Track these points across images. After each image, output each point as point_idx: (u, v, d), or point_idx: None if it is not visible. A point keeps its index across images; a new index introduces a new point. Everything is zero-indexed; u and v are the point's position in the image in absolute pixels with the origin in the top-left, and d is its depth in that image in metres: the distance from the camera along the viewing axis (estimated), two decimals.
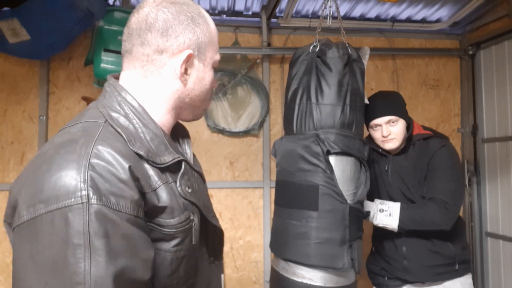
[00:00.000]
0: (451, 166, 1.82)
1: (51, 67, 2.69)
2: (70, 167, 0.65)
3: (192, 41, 0.82)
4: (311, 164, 1.59)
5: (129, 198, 0.68)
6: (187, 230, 0.79)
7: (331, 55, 1.64)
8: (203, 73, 0.86)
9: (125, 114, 0.78)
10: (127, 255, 0.65)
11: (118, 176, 0.68)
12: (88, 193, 0.63)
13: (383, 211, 1.80)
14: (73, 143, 0.69)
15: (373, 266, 2.03)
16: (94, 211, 0.63)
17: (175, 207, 0.77)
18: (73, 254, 0.61)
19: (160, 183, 0.75)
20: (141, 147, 0.75)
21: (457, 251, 1.85)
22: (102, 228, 0.63)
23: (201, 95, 0.88)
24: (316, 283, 1.56)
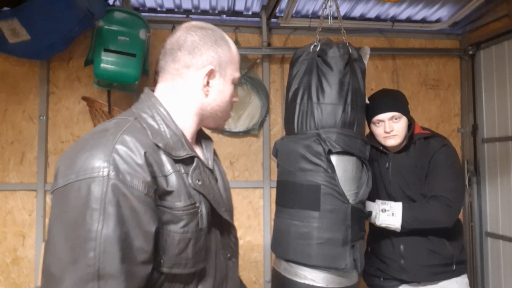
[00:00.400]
0: (451, 165, 1.84)
1: (51, 67, 2.69)
2: (99, 149, 0.83)
3: (214, 59, 0.99)
4: (312, 164, 1.58)
5: (142, 178, 0.83)
6: (193, 214, 0.91)
7: (332, 55, 1.63)
8: (223, 86, 1.02)
9: (152, 116, 0.96)
10: (132, 224, 0.80)
11: (135, 160, 0.84)
12: (109, 170, 0.80)
13: (385, 211, 1.80)
14: (105, 131, 0.88)
15: (367, 267, 2.00)
16: (111, 184, 0.79)
17: (182, 192, 0.90)
18: (90, 215, 0.77)
19: (171, 171, 0.90)
20: (160, 140, 0.91)
21: (454, 251, 1.85)
22: (115, 198, 0.79)
23: (222, 105, 1.03)
24: (318, 284, 1.55)
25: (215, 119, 1.05)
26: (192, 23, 1.04)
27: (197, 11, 2.87)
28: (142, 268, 0.82)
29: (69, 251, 0.76)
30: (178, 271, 0.90)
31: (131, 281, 0.79)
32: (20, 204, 2.63)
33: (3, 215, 2.61)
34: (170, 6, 2.81)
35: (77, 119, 2.70)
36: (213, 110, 1.03)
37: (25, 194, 2.63)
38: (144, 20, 2.39)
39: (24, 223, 2.62)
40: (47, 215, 2.64)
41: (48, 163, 2.66)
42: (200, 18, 2.88)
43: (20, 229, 2.62)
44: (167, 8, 2.83)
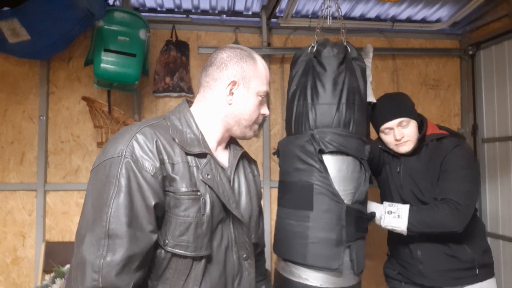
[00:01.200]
0: (464, 166, 1.74)
1: (51, 67, 2.70)
2: (124, 137, 1.02)
3: (238, 73, 1.14)
4: (306, 164, 1.58)
5: (151, 162, 0.99)
6: (194, 200, 1.04)
7: (326, 54, 1.63)
8: (246, 97, 1.15)
9: (179, 118, 1.13)
10: (137, 197, 0.96)
11: (149, 147, 1.01)
12: (126, 152, 0.98)
13: (391, 213, 1.75)
14: (135, 125, 1.07)
15: (389, 271, 1.99)
16: (125, 162, 0.97)
17: (186, 180, 1.03)
18: (108, 187, 0.95)
19: (179, 161, 1.04)
20: (178, 136, 1.07)
21: (475, 254, 1.76)
22: (127, 174, 0.96)
23: (245, 114, 1.15)
24: (313, 283, 1.55)
25: (239, 127, 1.17)
26: (228, 45, 1.22)
27: (197, 11, 2.87)
28: (146, 235, 0.97)
29: (92, 215, 0.95)
30: (180, 252, 1.02)
31: (135, 244, 0.94)
32: (20, 204, 2.63)
33: (3, 215, 2.61)
34: (170, 6, 2.81)
35: (77, 119, 2.71)
36: (237, 118, 1.15)
37: (25, 194, 2.63)
38: (144, 20, 2.40)
39: (24, 223, 2.62)
40: (47, 215, 2.64)
41: (48, 163, 2.66)
42: (200, 18, 2.88)
43: (20, 229, 2.62)
44: (167, 8, 2.83)
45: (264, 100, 1.20)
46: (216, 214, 1.08)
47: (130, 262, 0.93)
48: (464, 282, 1.77)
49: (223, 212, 1.10)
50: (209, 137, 1.14)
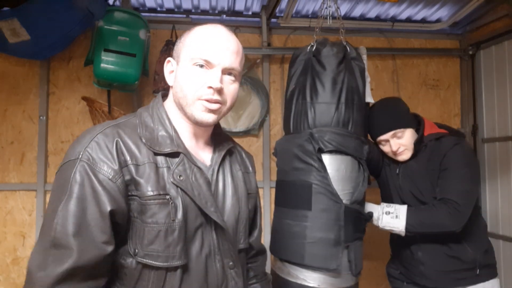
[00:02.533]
0: (463, 165, 1.73)
1: (51, 67, 2.69)
2: (85, 138, 0.94)
3: (174, 51, 1.06)
4: (304, 163, 1.58)
5: (109, 164, 0.92)
6: (163, 205, 0.94)
7: (326, 54, 1.63)
8: (178, 72, 1.03)
9: (151, 115, 1.04)
10: (91, 203, 0.88)
11: (109, 148, 0.93)
12: (83, 154, 0.91)
13: (389, 213, 1.74)
14: (99, 125, 0.99)
15: (392, 270, 1.98)
16: (79, 165, 0.90)
17: (153, 182, 0.94)
18: (61, 192, 0.89)
19: (145, 162, 0.95)
20: (145, 135, 0.99)
21: (476, 255, 1.75)
22: (80, 178, 0.89)
23: (179, 91, 1.01)
24: (310, 284, 1.55)
25: (186, 108, 1.01)
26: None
27: (197, 11, 2.87)
28: (97, 247, 0.87)
29: (44, 222, 0.90)
30: (150, 262, 0.93)
31: (83, 256, 0.85)
32: (20, 204, 2.63)
33: (3, 215, 2.61)
34: (170, 6, 2.81)
35: (77, 119, 2.71)
36: (176, 98, 1.03)
37: (25, 194, 2.63)
38: (144, 20, 2.40)
39: (24, 223, 2.62)
40: None
41: (48, 163, 2.66)
42: (200, 18, 2.88)
43: (20, 229, 2.62)
44: (167, 8, 2.83)
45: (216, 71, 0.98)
46: (192, 219, 0.97)
47: (74, 274, 0.84)
48: (465, 283, 1.77)
49: (201, 217, 0.99)
50: (183, 133, 1.04)
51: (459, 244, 1.76)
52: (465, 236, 1.74)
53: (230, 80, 1.02)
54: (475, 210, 1.78)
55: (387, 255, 2.10)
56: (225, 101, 1.02)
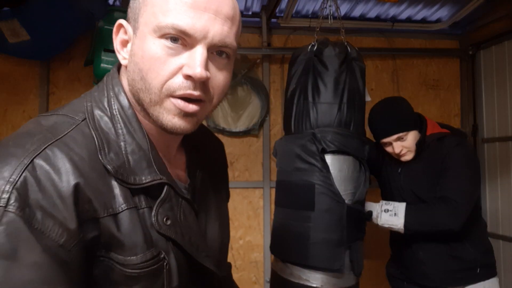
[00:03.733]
0: (464, 165, 1.73)
1: (51, 67, 2.69)
2: (7, 162, 0.54)
3: (130, 10, 0.67)
4: (307, 163, 1.57)
5: (60, 220, 0.54)
6: (156, 272, 0.63)
7: (328, 54, 1.63)
8: (135, 46, 0.64)
9: (110, 115, 0.65)
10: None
11: (58, 188, 0.55)
12: (10, 196, 0.51)
13: (387, 211, 1.74)
14: (29, 136, 0.59)
15: (392, 270, 1.98)
16: (6, 221, 0.50)
17: (138, 240, 0.62)
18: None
19: (124, 207, 0.61)
20: (112, 161, 0.61)
21: (477, 254, 1.76)
22: (9, 245, 0.50)
23: (136, 78, 0.64)
24: (313, 284, 1.55)
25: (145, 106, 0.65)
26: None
27: None
28: None
29: None
30: None
31: None
32: None
33: None
34: None
35: None
36: (135, 90, 0.65)
37: None
38: None
39: None
40: None
41: None
42: None
43: None
44: None
45: (199, 51, 0.61)
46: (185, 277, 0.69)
47: None
48: (466, 282, 1.77)
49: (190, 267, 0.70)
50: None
51: (460, 244, 1.76)
52: (466, 235, 1.74)
53: (221, 64, 0.65)
54: (476, 210, 1.79)
55: (387, 255, 2.10)
56: (211, 97, 0.66)
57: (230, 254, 2.82)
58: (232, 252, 2.82)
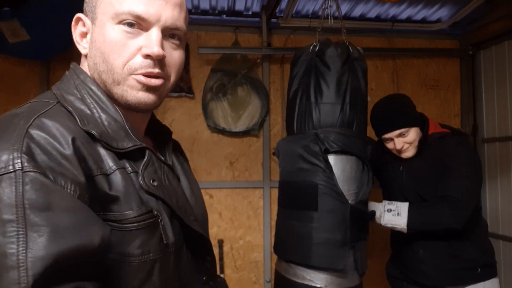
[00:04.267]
0: (465, 163, 1.73)
1: (51, 67, 2.69)
2: (3, 139, 0.56)
3: (86, 3, 0.73)
4: (310, 164, 1.57)
5: (70, 177, 0.57)
6: (152, 226, 0.67)
7: (330, 54, 1.63)
8: (95, 34, 0.70)
9: (81, 97, 0.69)
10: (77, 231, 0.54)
11: (59, 151, 0.57)
12: (22, 160, 0.53)
13: (390, 211, 1.74)
14: (13, 116, 0.61)
15: (392, 270, 1.98)
16: (30, 179, 0.53)
17: (132, 197, 0.65)
18: (2, 231, 0.50)
19: (115, 168, 0.65)
20: (93, 128, 0.65)
21: (478, 254, 1.76)
22: (40, 199, 0.53)
23: (98, 62, 0.69)
24: (317, 285, 1.55)
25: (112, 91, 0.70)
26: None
27: (197, 11, 2.86)
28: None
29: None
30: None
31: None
32: None
33: None
34: None
35: None
36: (97, 72, 0.71)
37: None
38: None
39: None
40: None
41: None
42: (200, 18, 2.88)
43: None
44: None
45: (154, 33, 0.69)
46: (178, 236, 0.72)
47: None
48: (466, 282, 1.77)
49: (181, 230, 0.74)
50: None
51: (461, 243, 1.76)
52: (466, 235, 1.74)
53: (174, 44, 0.73)
54: (477, 209, 1.79)
55: (387, 255, 2.10)
56: (169, 75, 0.73)
57: (230, 254, 2.82)
58: (232, 252, 2.82)
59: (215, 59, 2.80)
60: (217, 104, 2.80)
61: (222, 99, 2.80)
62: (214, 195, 2.79)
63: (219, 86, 2.79)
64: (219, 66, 2.79)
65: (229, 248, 2.81)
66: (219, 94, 2.79)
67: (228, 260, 2.81)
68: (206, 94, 2.77)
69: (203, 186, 2.80)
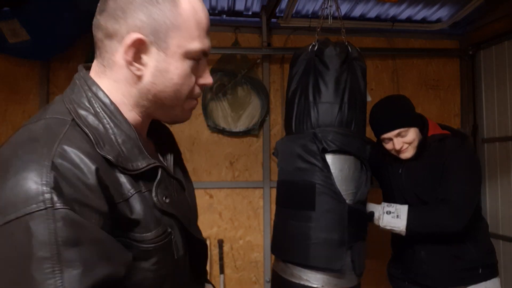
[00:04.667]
0: (465, 166, 1.73)
1: (51, 67, 2.69)
2: (29, 169, 0.56)
3: (145, 24, 0.69)
4: (308, 163, 1.57)
5: (95, 208, 0.59)
6: (166, 244, 0.71)
7: (329, 53, 1.63)
8: (166, 64, 0.71)
9: (94, 113, 0.69)
10: (105, 262, 0.59)
11: (84, 181, 0.59)
12: (52, 196, 0.55)
13: (390, 213, 1.74)
14: (33, 141, 0.61)
15: (393, 270, 1.98)
16: (61, 216, 0.55)
17: (149, 219, 0.68)
18: (39, 269, 0.53)
19: (133, 192, 0.67)
20: (110, 151, 0.66)
21: (479, 254, 1.76)
22: (72, 235, 0.55)
23: (167, 91, 0.72)
24: (314, 285, 1.54)
25: (165, 110, 0.76)
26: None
27: None
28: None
29: None
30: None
31: None
32: None
33: None
34: None
35: None
36: (157, 98, 0.73)
37: None
38: None
39: None
40: None
41: None
42: None
43: None
44: None
45: (203, 63, 0.76)
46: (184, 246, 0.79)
47: None
48: (467, 282, 1.76)
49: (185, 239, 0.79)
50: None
51: (462, 244, 1.76)
52: (468, 236, 1.74)
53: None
54: (477, 210, 1.79)
55: (387, 255, 2.10)
56: None
57: (230, 254, 2.82)
58: (232, 252, 2.82)
59: (215, 59, 2.80)
60: (217, 104, 2.80)
61: (222, 99, 2.80)
62: (214, 195, 2.79)
63: (219, 86, 2.79)
64: (219, 66, 2.79)
65: (229, 248, 2.81)
66: (219, 94, 2.79)
67: (228, 260, 2.81)
68: (206, 94, 2.77)
69: (203, 186, 2.81)
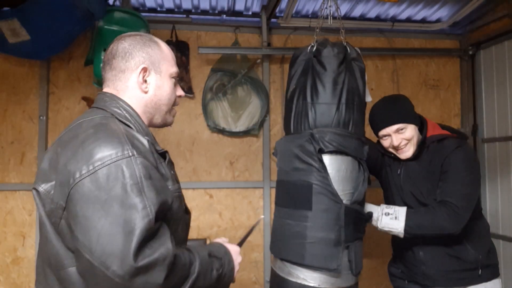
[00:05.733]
0: (464, 168, 1.72)
1: (51, 67, 2.69)
2: (115, 137, 0.94)
3: (146, 59, 1.10)
4: (305, 163, 1.57)
5: (151, 162, 0.98)
6: (179, 197, 1.08)
7: (326, 54, 1.63)
8: (161, 82, 1.13)
9: (125, 116, 1.06)
10: (163, 191, 0.97)
11: (145, 147, 1.00)
12: (133, 151, 0.93)
13: (388, 214, 1.73)
14: (104, 125, 0.98)
15: (393, 269, 1.98)
16: (140, 161, 0.93)
17: (170, 178, 1.05)
18: (132, 190, 0.88)
19: (161, 161, 1.06)
20: (145, 136, 1.04)
21: (478, 255, 1.75)
22: (146, 172, 0.93)
23: (163, 100, 1.14)
24: (310, 284, 1.55)
25: (160, 114, 1.15)
26: (122, 34, 1.16)
27: (197, 11, 2.87)
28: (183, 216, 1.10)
29: (121, 226, 0.85)
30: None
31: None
32: (20, 204, 2.63)
33: (3, 215, 2.61)
34: (170, 6, 2.81)
35: None
36: (157, 105, 1.13)
37: (25, 194, 2.63)
38: (144, 20, 2.39)
39: (24, 223, 2.62)
40: None
41: None
42: (200, 18, 2.88)
43: (20, 229, 2.62)
44: (167, 8, 2.83)
45: (176, 82, 1.18)
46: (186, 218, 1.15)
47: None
48: (467, 283, 1.76)
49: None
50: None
51: (461, 245, 1.76)
52: (466, 236, 1.74)
53: None
54: (477, 211, 1.79)
55: (388, 255, 2.10)
56: None
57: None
58: None
59: (215, 59, 2.80)
60: (217, 104, 2.80)
61: (222, 99, 2.80)
62: (214, 195, 2.79)
63: (219, 86, 2.79)
64: (219, 66, 2.79)
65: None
66: (219, 94, 2.79)
67: None
68: (206, 94, 2.77)
69: (203, 186, 2.82)
